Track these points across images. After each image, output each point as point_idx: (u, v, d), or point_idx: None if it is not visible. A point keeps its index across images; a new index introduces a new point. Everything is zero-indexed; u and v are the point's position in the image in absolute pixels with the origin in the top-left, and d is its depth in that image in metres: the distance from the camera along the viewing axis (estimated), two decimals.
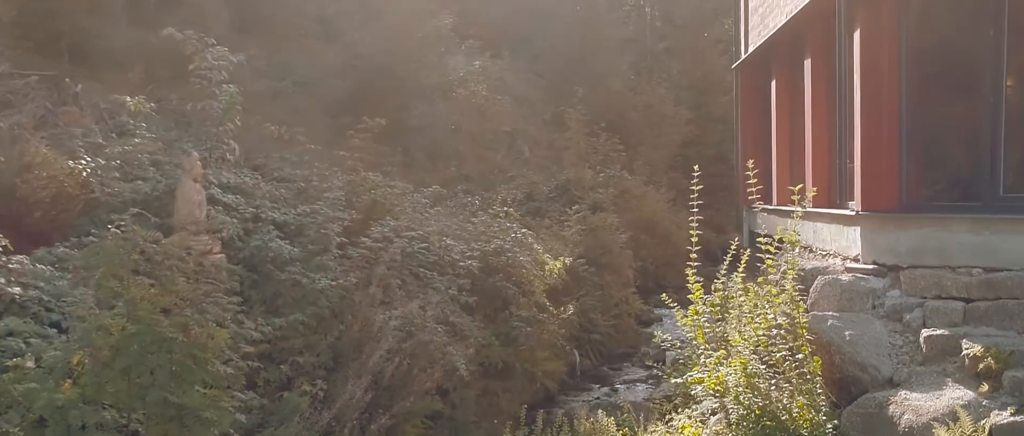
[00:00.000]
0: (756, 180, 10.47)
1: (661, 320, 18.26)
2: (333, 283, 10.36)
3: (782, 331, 8.76)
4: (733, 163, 28.14)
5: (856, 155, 10.37)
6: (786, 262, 9.66)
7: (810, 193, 11.19)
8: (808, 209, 12.26)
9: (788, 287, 8.86)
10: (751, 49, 16.10)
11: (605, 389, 13.77)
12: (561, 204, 19.00)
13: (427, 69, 20.39)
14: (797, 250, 12.85)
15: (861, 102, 10.18)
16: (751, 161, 10.72)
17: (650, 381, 13.92)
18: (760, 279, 9.59)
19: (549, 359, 13.36)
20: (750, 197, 10.89)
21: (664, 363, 13.71)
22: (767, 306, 8.99)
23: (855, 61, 10.35)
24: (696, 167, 10.94)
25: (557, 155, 22.15)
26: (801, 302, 9.16)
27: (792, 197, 12.52)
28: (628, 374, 14.74)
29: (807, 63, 12.68)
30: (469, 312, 12.18)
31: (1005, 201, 9.31)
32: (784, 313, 8.89)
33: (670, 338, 10.44)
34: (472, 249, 13.13)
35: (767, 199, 15.51)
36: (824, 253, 11.76)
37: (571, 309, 14.03)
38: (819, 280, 10.18)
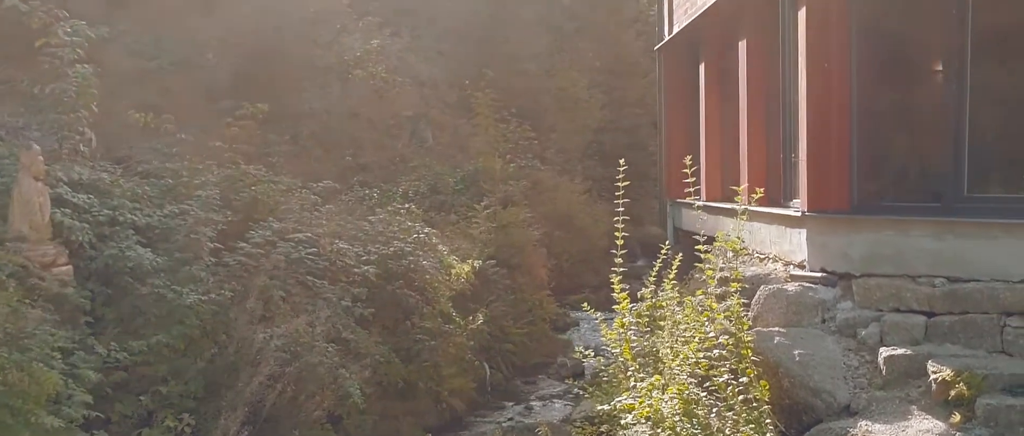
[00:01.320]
0: (683, 172, 9.69)
1: (578, 324, 17.44)
2: (205, 297, 9.32)
3: (724, 351, 7.96)
4: (652, 151, 27.72)
5: (801, 149, 9.59)
6: (728, 270, 8.85)
7: (754, 194, 10.36)
8: (736, 207, 11.53)
9: (733, 302, 8.00)
10: (677, 29, 15.30)
11: (519, 408, 12.85)
12: (468, 197, 18.00)
13: (320, 48, 19.17)
14: (734, 255, 12.10)
15: (807, 89, 9.40)
16: (678, 152, 9.90)
17: (568, 397, 13.04)
18: (699, 291, 8.76)
19: (456, 375, 12.38)
20: (680, 191, 10.10)
21: (583, 377, 12.96)
22: (707, 322, 8.17)
23: (800, 43, 9.57)
24: (622, 162, 10.14)
25: (464, 143, 21.13)
26: (745, 318, 8.36)
27: (728, 193, 11.83)
28: (544, 388, 13.85)
29: (742, 45, 11.89)
30: (365, 326, 11.15)
31: (970, 202, 8.60)
32: (726, 330, 8.08)
33: (593, 354, 9.74)
34: (369, 252, 12.07)
35: (695, 193, 14.79)
36: (762, 257, 11.00)
37: (481, 318, 13.05)
38: (762, 290, 9.39)
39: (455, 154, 20.88)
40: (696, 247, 9.13)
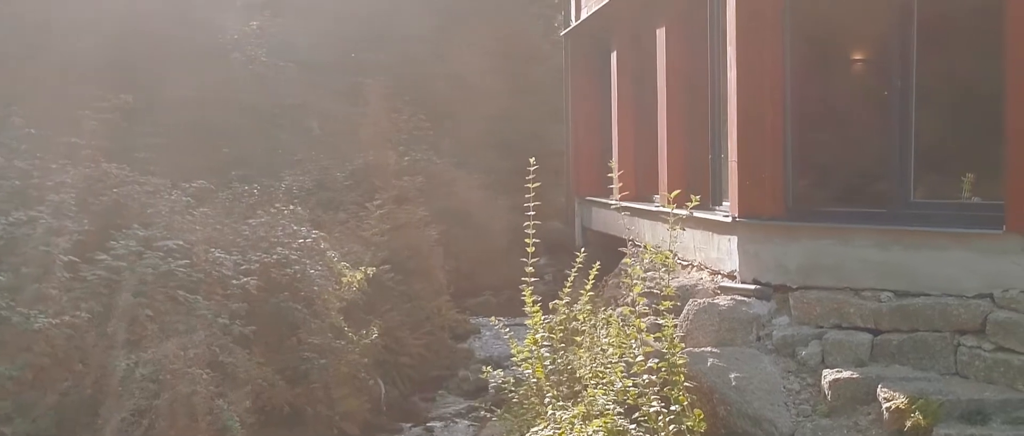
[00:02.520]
0: (592, 168, 9.13)
1: (479, 332, 16.72)
2: (57, 320, 8.37)
3: (653, 377, 7.38)
4: (554, 142, 27.27)
5: (731, 149, 9.08)
6: (653, 282, 8.30)
7: (689, 203, 9.82)
8: (660, 209, 11.02)
9: (667, 324, 7.40)
10: (586, 14, 14.74)
11: (418, 430, 12.09)
12: (359, 194, 17.14)
13: (193, 29, 18.04)
14: (665, 268, 11.58)
15: (738, 84, 8.89)
16: (587, 147, 9.33)
17: (472, 416, 12.35)
18: (626, 309, 8.17)
19: (349, 396, 11.54)
20: (590, 188, 9.52)
21: (487, 393, 12.34)
22: (635, 345, 7.59)
23: (730, 32, 9.04)
24: (532, 160, 9.54)
25: (353, 134, 20.23)
26: (678, 341, 7.80)
27: (643, 191, 11.34)
28: (445, 406, 13.11)
29: (660, 33, 11.36)
30: (246, 345, 10.23)
31: (917, 209, 8.17)
32: (657, 352, 7.53)
33: (500, 372, 9.18)
34: (249, 261, 11.14)
35: (606, 191, 14.28)
36: (685, 264, 10.49)
37: (375, 332, 12.24)
38: (691, 305, 8.86)
39: (344, 146, 19.98)
40: (623, 257, 8.58)
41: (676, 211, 8.30)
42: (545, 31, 27.55)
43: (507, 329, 9.86)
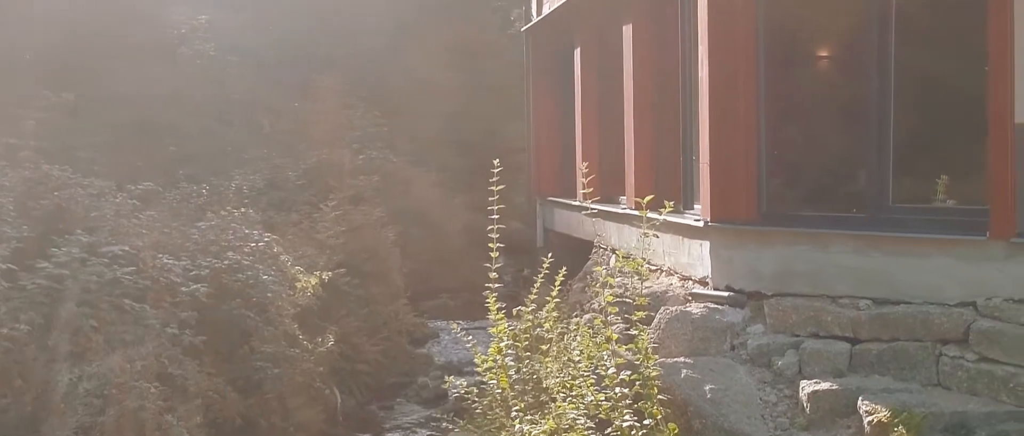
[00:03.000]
0: (553, 169, 8.95)
1: (438, 336, 16.47)
2: None
3: (626, 390, 7.19)
4: (513, 139, 27.07)
5: (704, 151, 8.90)
6: (628, 293, 8.10)
7: (664, 208, 9.62)
8: (628, 211, 10.86)
9: (642, 336, 7.19)
10: (548, 9, 14.53)
11: None
12: (312, 194, 16.81)
13: (139, 23, 17.62)
14: (638, 276, 11.39)
15: (710, 83, 8.71)
16: (549, 146, 9.15)
17: (432, 425, 12.10)
18: (598, 319, 7.96)
19: (303, 406, 11.22)
20: (552, 188, 9.32)
21: (447, 400, 12.12)
22: (606, 356, 7.37)
23: (701, 27, 8.86)
24: (496, 162, 9.30)
25: (306, 131, 19.90)
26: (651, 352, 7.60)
27: (608, 192, 11.19)
28: (403, 415, 12.84)
29: (627, 30, 11.16)
30: (196, 356, 9.88)
31: (896, 213, 8.03)
32: (629, 364, 7.33)
33: (460, 380, 9.17)
34: (199, 267, 10.77)
35: (569, 192, 14.10)
36: (655, 269, 10.30)
37: (331, 340, 11.95)
38: (663, 313, 8.68)
39: (296, 143, 19.65)
40: (587, 259, 8.37)
41: (650, 215, 8.10)
42: (502, 24, 27.28)
43: (467, 334, 9.68)
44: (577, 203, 13.00)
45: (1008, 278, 7.15)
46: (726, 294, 8.64)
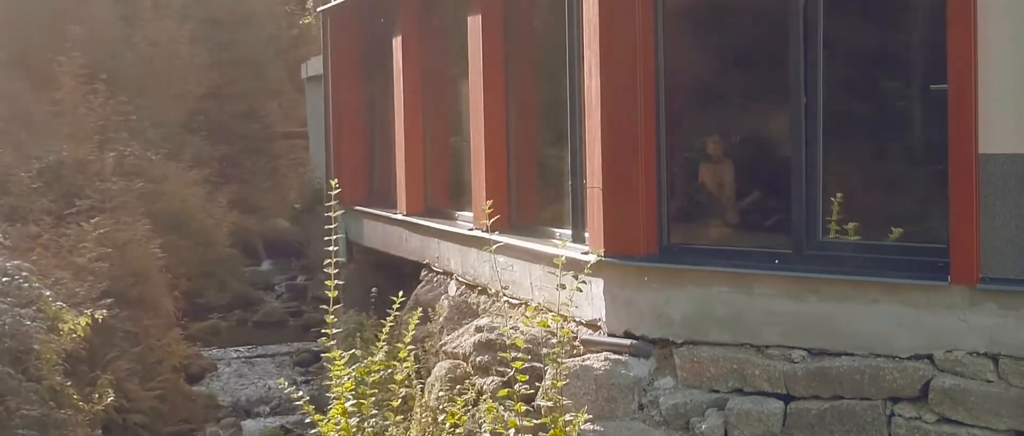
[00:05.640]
0: (359, 174, 8.21)
1: (215, 368, 15.16)
2: None
3: None
4: (278, 125, 25.93)
5: (593, 171, 8.17)
6: (498, 335, 7.48)
7: (484, 207, 8.80)
8: (479, 233, 10.03)
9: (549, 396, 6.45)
10: None
11: None
12: (53, 200, 15.10)
13: None
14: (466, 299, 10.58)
15: (602, 94, 7.98)
16: (355, 146, 8.37)
17: None
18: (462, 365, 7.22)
19: None
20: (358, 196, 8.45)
21: None
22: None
23: (591, 30, 8.12)
24: (334, 183, 8.42)
25: (42, 123, 17.98)
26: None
27: (435, 205, 10.65)
28: None
29: (474, 21, 10.29)
30: None
31: (828, 249, 7.51)
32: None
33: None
34: None
35: (382, 201, 13.12)
36: (516, 303, 9.52)
37: (111, 395, 10.57)
38: (556, 368, 7.87)
39: (20, 136, 17.67)
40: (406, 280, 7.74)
41: (513, 242, 7.35)
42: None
43: (246, 363, 8.82)
44: (399, 217, 12.06)
45: (972, 329, 6.76)
46: (626, 342, 7.94)
